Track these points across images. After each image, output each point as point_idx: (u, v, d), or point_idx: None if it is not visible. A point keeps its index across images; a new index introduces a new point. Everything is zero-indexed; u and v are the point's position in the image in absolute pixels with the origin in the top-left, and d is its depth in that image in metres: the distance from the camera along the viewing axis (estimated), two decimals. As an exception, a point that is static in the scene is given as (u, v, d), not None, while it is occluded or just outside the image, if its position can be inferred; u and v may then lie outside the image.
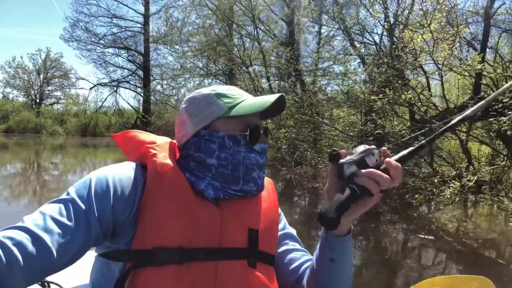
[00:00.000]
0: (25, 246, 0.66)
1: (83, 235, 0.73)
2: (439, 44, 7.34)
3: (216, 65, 13.63)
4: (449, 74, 8.63)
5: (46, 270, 0.69)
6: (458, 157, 9.20)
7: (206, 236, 0.82)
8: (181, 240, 0.80)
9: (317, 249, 0.88)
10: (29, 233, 0.67)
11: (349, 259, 0.87)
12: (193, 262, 0.80)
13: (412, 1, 9.49)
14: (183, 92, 18.12)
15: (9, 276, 0.63)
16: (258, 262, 0.87)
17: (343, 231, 0.82)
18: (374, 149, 0.76)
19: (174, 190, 0.83)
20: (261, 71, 13.49)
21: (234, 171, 0.88)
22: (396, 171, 0.74)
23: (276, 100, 0.88)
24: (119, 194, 0.80)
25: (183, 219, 0.81)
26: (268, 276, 0.88)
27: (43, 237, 0.68)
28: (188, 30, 13.70)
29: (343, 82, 11.01)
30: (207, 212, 0.84)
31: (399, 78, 8.52)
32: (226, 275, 0.82)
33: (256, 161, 0.90)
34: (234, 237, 0.85)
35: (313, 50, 15.33)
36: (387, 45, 10.59)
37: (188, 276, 0.79)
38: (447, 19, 7.70)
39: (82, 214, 0.74)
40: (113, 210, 0.78)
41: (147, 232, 0.79)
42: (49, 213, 0.72)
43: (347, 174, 0.75)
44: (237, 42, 13.88)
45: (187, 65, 13.43)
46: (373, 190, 0.72)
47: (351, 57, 11.98)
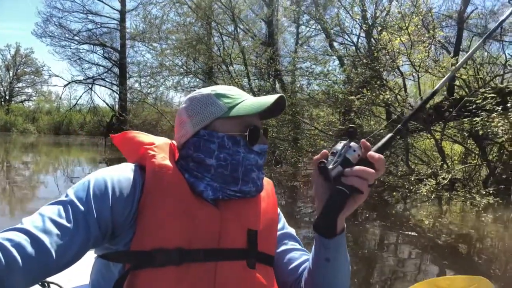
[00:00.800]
0: (24, 248, 0.66)
1: (82, 237, 0.74)
2: (416, 47, 7.56)
3: (196, 63, 13.53)
4: (425, 75, 8.87)
5: (45, 271, 0.69)
6: (432, 156, 9.50)
7: (205, 237, 0.83)
8: (180, 241, 0.80)
9: (312, 250, 0.89)
10: (28, 234, 0.68)
11: (344, 257, 0.87)
12: (192, 263, 0.80)
13: (389, 3, 9.73)
14: (162, 91, 17.93)
15: (8, 276, 0.63)
16: (258, 262, 0.87)
17: (337, 230, 0.82)
18: (353, 143, 0.77)
19: (173, 191, 0.83)
20: (241, 71, 13.50)
21: (233, 172, 0.88)
22: (379, 163, 0.75)
23: (276, 101, 0.88)
24: (117, 196, 0.80)
25: (182, 220, 0.81)
26: (267, 277, 0.89)
27: (42, 238, 0.68)
28: (167, 27, 13.53)
29: (323, 82, 11.17)
30: (206, 213, 0.84)
31: (377, 79, 8.72)
32: (225, 276, 0.82)
33: (256, 162, 0.91)
34: (233, 237, 0.85)
35: (292, 50, 15.47)
36: (365, 46, 10.80)
37: (187, 277, 0.79)
38: (423, 23, 7.94)
39: (81, 215, 0.75)
40: (111, 211, 0.79)
41: (146, 233, 0.80)
42: (48, 214, 0.72)
43: (333, 176, 0.76)
44: (217, 40, 13.83)
45: (166, 62, 13.26)
46: (361, 187, 0.74)
47: (331, 58, 12.19)
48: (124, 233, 0.81)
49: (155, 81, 13.84)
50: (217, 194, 0.87)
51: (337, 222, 0.74)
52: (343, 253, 0.86)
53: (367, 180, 0.74)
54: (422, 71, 7.91)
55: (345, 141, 0.79)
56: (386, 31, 8.14)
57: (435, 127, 8.60)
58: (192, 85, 15.85)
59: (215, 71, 13.61)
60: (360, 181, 0.73)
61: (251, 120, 0.91)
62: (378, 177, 0.76)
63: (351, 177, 0.74)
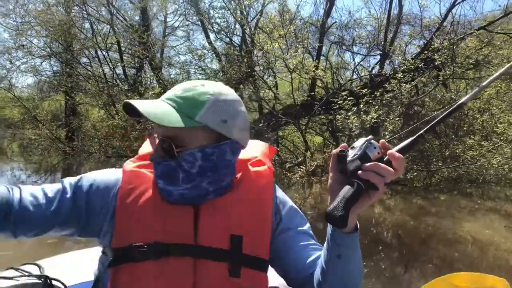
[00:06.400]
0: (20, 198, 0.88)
1: (54, 207, 0.90)
2: (291, 53, 8.63)
3: (60, 46, 12.26)
4: (293, 75, 10.07)
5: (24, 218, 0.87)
6: (297, 146, 10.90)
7: (180, 232, 0.86)
8: (156, 237, 0.85)
9: (324, 246, 0.86)
10: (22, 190, 0.90)
11: (356, 254, 0.84)
12: (171, 257, 0.84)
13: (261, 11, 10.71)
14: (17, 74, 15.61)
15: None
16: (244, 266, 0.86)
17: (350, 227, 0.79)
18: (374, 141, 0.76)
19: (143, 194, 0.91)
20: (116, 59, 12.83)
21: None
22: (399, 163, 0.74)
23: (130, 106, 0.85)
24: (93, 190, 0.93)
25: (156, 218, 0.87)
26: (254, 282, 0.87)
27: (29, 196, 0.90)
28: (25, 3, 11.88)
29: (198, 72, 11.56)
30: (178, 211, 0.88)
31: (254, 78, 9.61)
32: (207, 275, 0.84)
33: (156, 172, 0.90)
34: (210, 237, 0.86)
35: (160, 38, 15.31)
36: (242, 45, 11.56)
37: (166, 271, 0.83)
38: (295, 32, 9.09)
39: (59, 193, 0.92)
40: (86, 199, 0.92)
41: (123, 231, 0.88)
42: (41, 186, 0.94)
43: (351, 169, 0.75)
44: (88, 26, 12.86)
45: (24, 43, 11.68)
46: (378, 184, 0.72)
47: (207, 52, 12.60)
48: (104, 230, 0.91)
49: (10, 63, 12.05)
50: (182, 197, 0.90)
51: (349, 214, 0.70)
52: (355, 250, 0.83)
53: (384, 178, 0.72)
54: (295, 74, 9.01)
55: (367, 138, 0.77)
56: (268, 36, 9.00)
57: (301, 121, 9.91)
58: (55, 69, 14.34)
59: (77, 55, 12.61)
60: (378, 177, 0.72)
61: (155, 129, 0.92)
62: (395, 178, 0.74)
63: (369, 172, 0.72)
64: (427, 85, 9.57)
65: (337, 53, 12.61)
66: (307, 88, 11.10)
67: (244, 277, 0.86)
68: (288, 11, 10.13)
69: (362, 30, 12.28)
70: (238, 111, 0.91)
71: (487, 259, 4.40)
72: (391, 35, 10.65)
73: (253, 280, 0.87)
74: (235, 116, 0.90)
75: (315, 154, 9.99)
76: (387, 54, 10.34)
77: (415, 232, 5.52)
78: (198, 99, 0.86)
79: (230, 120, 0.88)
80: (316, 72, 8.97)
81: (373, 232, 5.34)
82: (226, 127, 0.87)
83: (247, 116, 0.95)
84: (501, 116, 8.85)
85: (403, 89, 8.01)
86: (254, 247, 0.89)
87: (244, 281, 0.86)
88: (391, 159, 0.74)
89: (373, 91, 8.10)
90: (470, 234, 5.36)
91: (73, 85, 12.46)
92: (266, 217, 0.93)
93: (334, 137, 10.41)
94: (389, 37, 10.61)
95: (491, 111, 9.39)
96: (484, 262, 4.30)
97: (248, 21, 10.43)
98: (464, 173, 9.07)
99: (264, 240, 0.91)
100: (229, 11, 10.57)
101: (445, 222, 6.08)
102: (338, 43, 12.13)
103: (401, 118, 8.52)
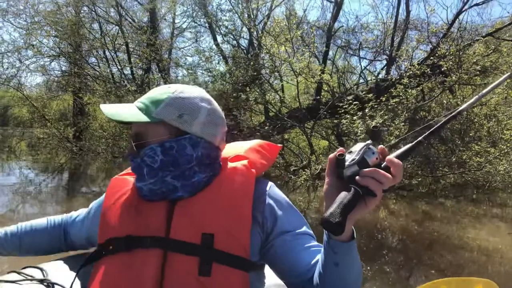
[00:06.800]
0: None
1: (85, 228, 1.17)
2: (297, 56, 8.67)
3: (69, 46, 12.40)
4: (299, 79, 10.11)
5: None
6: (302, 150, 10.91)
7: (152, 226, 0.89)
8: (128, 231, 0.90)
9: (321, 254, 0.84)
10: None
11: (355, 261, 0.82)
12: (140, 249, 0.87)
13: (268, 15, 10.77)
14: (26, 74, 15.81)
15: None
16: (215, 262, 0.85)
17: (346, 235, 0.78)
18: (372, 146, 0.74)
19: (123, 195, 0.98)
20: (124, 59, 12.95)
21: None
22: (397, 169, 0.72)
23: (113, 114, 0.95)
24: (92, 213, 1.16)
25: (130, 214, 0.93)
26: (225, 279, 0.85)
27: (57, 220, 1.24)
28: (35, 3, 12.04)
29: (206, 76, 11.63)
30: (151, 208, 0.92)
31: (259, 80, 9.66)
32: (175, 263, 0.85)
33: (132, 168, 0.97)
34: (180, 232, 0.87)
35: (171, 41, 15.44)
36: (249, 48, 11.63)
37: (135, 262, 0.86)
38: (302, 37, 9.14)
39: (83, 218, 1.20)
40: (90, 220, 1.14)
41: (103, 229, 0.96)
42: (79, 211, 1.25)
43: (348, 174, 0.73)
44: (97, 27, 13.02)
45: (33, 42, 11.83)
46: (376, 190, 0.71)
47: (214, 54, 12.68)
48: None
49: (20, 62, 12.20)
50: (152, 195, 0.95)
51: (345, 221, 0.68)
52: (353, 256, 0.81)
53: (382, 184, 0.71)
54: (301, 77, 9.05)
55: (365, 142, 0.76)
56: (274, 40, 9.05)
57: (307, 124, 9.93)
58: (63, 69, 14.47)
59: (85, 55, 12.75)
60: (376, 183, 0.70)
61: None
62: (393, 184, 0.72)
63: (367, 178, 0.70)
64: (433, 90, 9.56)
65: (344, 57, 12.66)
66: (313, 92, 11.14)
67: (215, 274, 0.84)
68: (295, 15, 10.18)
69: (369, 34, 12.32)
70: (199, 107, 0.94)
71: (492, 266, 4.38)
72: (398, 40, 10.66)
73: (225, 277, 0.85)
74: (194, 111, 0.93)
75: (320, 157, 10.01)
76: (393, 59, 10.34)
77: (420, 237, 5.52)
78: (159, 98, 0.93)
79: (187, 115, 0.92)
80: (322, 76, 9.00)
81: (378, 236, 5.35)
82: (182, 121, 0.91)
83: (217, 113, 0.98)
84: (508, 122, 8.82)
85: (409, 94, 8.02)
86: (228, 245, 0.87)
87: (214, 279, 0.84)
88: (389, 165, 0.72)
89: (378, 96, 8.12)
90: (475, 241, 5.34)
91: (81, 85, 12.58)
92: (243, 214, 0.90)
93: (340, 141, 10.42)
94: (396, 42, 10.63)
95: (497, 117, 9.36)
96: (489, 268, 4.29)
97: (255, 25, 10.50)
98: (471, 179, 9.04)
99: (241, 238, 0.88)
100: (237, 14, 10.66)
101: (450, 228, 6.06)
102: (345, 47, 12.16)
103: (406, 124, 8.52)
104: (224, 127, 1.01)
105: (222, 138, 1.00)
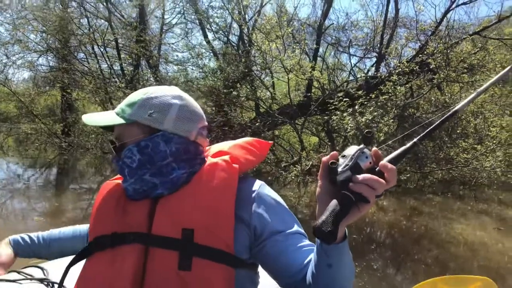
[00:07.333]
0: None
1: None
2: (288, 53, 8.70)
3: (57, 42, 12.23)
4: (290, 76, 10.15)
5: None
6: (293, 146, 10.98)
7: (135, 223, 0.92)
8: (114, 229, 0.93)
9: (314, 255, 0.84)
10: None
11: (347, 262, 0.83)
12: (124, 245, 0.90)
13: (258, 11, 10.77)
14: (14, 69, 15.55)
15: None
16: (195, 256, 0.86)
17: (339, 238, 0.78)
18: (366, 149, 0.74)
19: (112, 197, 1.01)
20: (114, 55, 12.83)
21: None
22: (391, 174, 0.72)
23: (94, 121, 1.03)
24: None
25: (117, 213, 0.96)
26: (205, 272, 0.86)
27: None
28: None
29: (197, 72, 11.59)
30: (136, 206, 0.95)
31: (251, 77, 9.68)
32: (156, 257, 0.87)
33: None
34: (161, 228, 0.89)
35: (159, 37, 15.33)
36: (239, 45, 11.62)
37: (119, 258, 0.89)
38: (293, 34, 9.17)
39: None
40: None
41: (92, 229, 0.99)
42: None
43: (341, 179, 0.72)
44: (85, 22, 12.84)
45: (20, 37, 11.64)
46: (369, 197, 0.70)
47: (203, 50, 12.64)
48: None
49: (7, 58, 12.00)
50: (135, 193, 0.98)
51: (337, 229, 0.68)
52: (345, 256, 0.82)
53: (376, 190, 0.70)
54: (291, 74, 9.10)
55: (357, 146, 0.75)
56: (265, 37, 9.07)
57: (297, 121, 9.99)
58: (51, 65, 14.27)
59: (73, 51, 12.62)
60: (369, 190, 0.70)
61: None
62: (387, 188, 0.72)
63: (360, 184, 0.70)
64: (422, 87, 9.69)
65: (334, 55, 12.74)
66: (304, 89, 11.19)
67: (196, 268, 0.85)
68: (286, 12, 10.20)
69: (359, 32, 12.42)
70: (170, 104, 0.97)
71: (478, 260, 4.49)
72: (387, 38, 10.76)
73: (206, 271, 0.85)
74: (164, 108, 0.96)
75: (310, 153, 10.07)
76: (383, 56, 10.44)
77: (408, 232, 5.61)
78: (133, 101, 0.98)
79: (157, 113, 0.95)
80: (313, 73, 9.06)
81: (366, 231, 5.42)
82: (153, 119, 0.95)
83: (190, 108, 1.00)
84: (494, 120, 8.99)
85: (398, 91, 8.11)
86: (208, 239, 0.87)
87: (195, 274, 0.84)
88: (383, 171, 0.71)
89: (368, 92, 8.20)
90: (462, 235, 5.46)
91: (70, 81, 12.44)
92: (223, 208, 0.90)
93: (330, 138, 10.50)
94: (385, 40, 10.73)
95: (484, 114, 9.53)
96: (475, 262, 4.39)
97: (246, 21, 10.49)
98: (458, 176, 9.20)
99: (221, 232, 0.88)
100: (227, 11, 10.64)
101: (437, 223, 6.18)
102: (335, 45, 12.24)
103: (395, 120, 8.62)
104: (201, 122, 1.01)
105: (201, 133, 1.01)
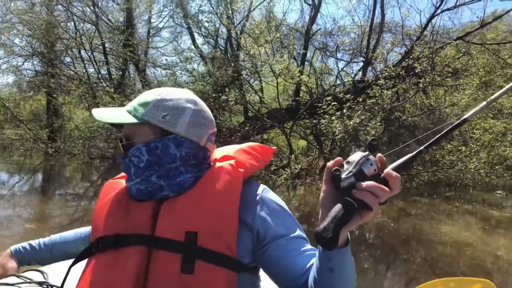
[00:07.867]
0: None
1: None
2: (276, 57, 8.78)
3: (44, 46, 12.07)
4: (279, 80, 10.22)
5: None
6: (281, 149, 11.03)
7: (139, 225, 0.91)
8: (117, 230, 0.92)
9: (316, 259, 0.84)
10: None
11: (349, 266, 0.83)
12: (127, 247, 0.89)
13: (247, 16, 10.84)
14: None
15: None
16: (197, 259, 0.85)
17: (341, 243, 0.77)
18: (371, 156, 0.73)
19: (115, 197, 1.00)
20: (101, 59, 12.73)
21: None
22: (395, 182, 0.71)
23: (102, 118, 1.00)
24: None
25: (120, 214, 0.95)
26: (208, 276, 0.85)
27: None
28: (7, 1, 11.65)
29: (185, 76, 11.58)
30: (138, 207, 0.95)
31: (240, 81, 9.72)
32: (159, 259, 0.87)
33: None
34: (165, 230, 0.88)
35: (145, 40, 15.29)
36: (229, 50, 11.66)
37: (121, 259, 0.88)
38: (281, 39, 9.26)
39: None
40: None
41: (94, 230, 0.99)
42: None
43: (345, 186, 0.72)
44: (72, 26, 12.73)
45: (5, 42, 11.47)
46: (372, 204, 0.70)
47: (192, 54, 12.64)
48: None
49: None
50: (139, 194, 0.97)
51: (339, 234, 0.69)
52: (347, 260, 0.82)
53: (379, 198, 0.70)
54: (280, 79, 9.16)
55: (362, 152, 0.75)
56: (254, 42, 9.13)
57: (286, 124, 10.05)
58: (37, 69, 14.09)
59: (60, 55, 12.48)
60: (372, 197, 0.70)
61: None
62: (390, 196, 0.72)
63: (363, 192, 0.70)
64: (408, 91, 9.86)
65: (321, 59, 12.87)
66: (292, 93, 11.27)
67: (198, 272, 0.84)
68: (275, 18, 10.29)
69: (346, 37, 12.59)
70: (184, 107, 0.96)
71: (464, 259, 4.57)
72: (373, 43, 10.93)
73: (209, 275, 0.85)
74: (178, 112, 0.95)
75: (299, 157, 10.13)
76: (369, 60, 10.60)
77: (396, 233, 5.69)
78: (146, 100, 0.96)
79: (171, 116, 0.94)
80: (301, 77, 9.14)
81: (356, 233, 5.48)
82: (166, 122, 0.94)
83: (203, 114, 1.00)
84: (478, 122, 9.18)
85: (384, 95, 8.24)
86: (212, 242, 0.87)
87: (197, 277, 0.84)
88: (387, 178, 0.71)
89: (356, 96, 8.31)
90: (448, 236, 5.56)
91: (56, 85, 12.28)
92: (227, 213, 0.90)
93: (318, 141, 10.59)
94: (371, 44, 10.90)
95: (468, 117, 9.70)
96: (461, 262, 4.48)
97: (235, 25, 10.54)
98: (443, 177, 9.36)
99: (225, 236, 0.88)
100: (217, 15, 10.67)
101: (424, 224, 6.28)
102: (322, 49, 12.37)
103: (382, 123, 8.75)
104: (212, 128, 1.02)
105: (210, 139, 1.01)
